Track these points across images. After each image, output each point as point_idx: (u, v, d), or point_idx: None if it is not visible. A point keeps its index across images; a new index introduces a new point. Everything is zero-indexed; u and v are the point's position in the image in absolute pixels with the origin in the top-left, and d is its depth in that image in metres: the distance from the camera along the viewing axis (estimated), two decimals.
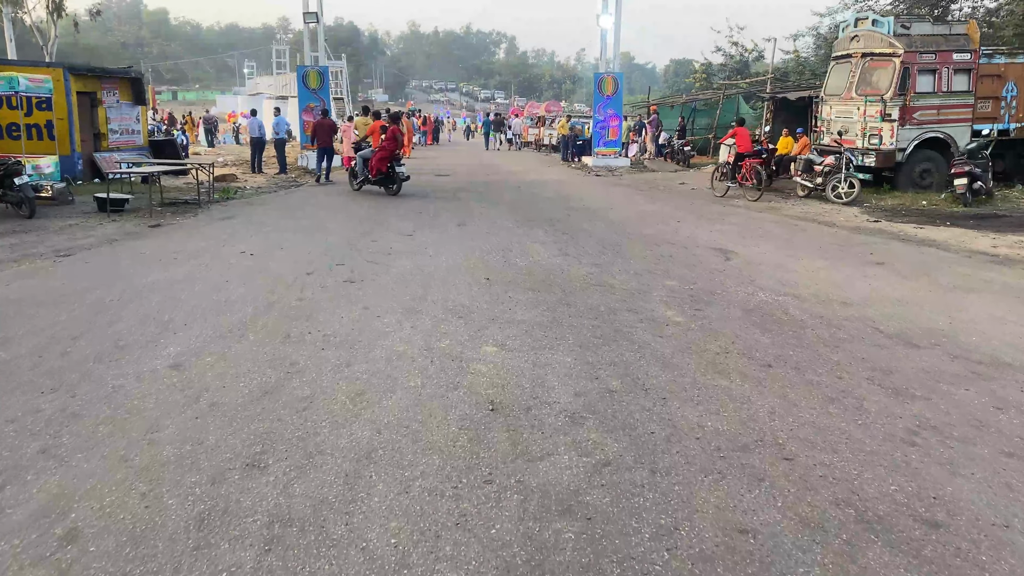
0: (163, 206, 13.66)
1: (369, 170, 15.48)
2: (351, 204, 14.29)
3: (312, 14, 22.84)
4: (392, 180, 15.37)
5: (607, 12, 24.03)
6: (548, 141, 35.69)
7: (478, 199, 15.32)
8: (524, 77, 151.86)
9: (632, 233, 10.90)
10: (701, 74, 43.78)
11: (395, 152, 15.30)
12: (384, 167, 15.19)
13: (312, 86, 23.21)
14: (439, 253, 9.07)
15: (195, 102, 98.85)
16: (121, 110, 17.56)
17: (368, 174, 15.55)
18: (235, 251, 9.11)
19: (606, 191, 17.39)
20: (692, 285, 7.42)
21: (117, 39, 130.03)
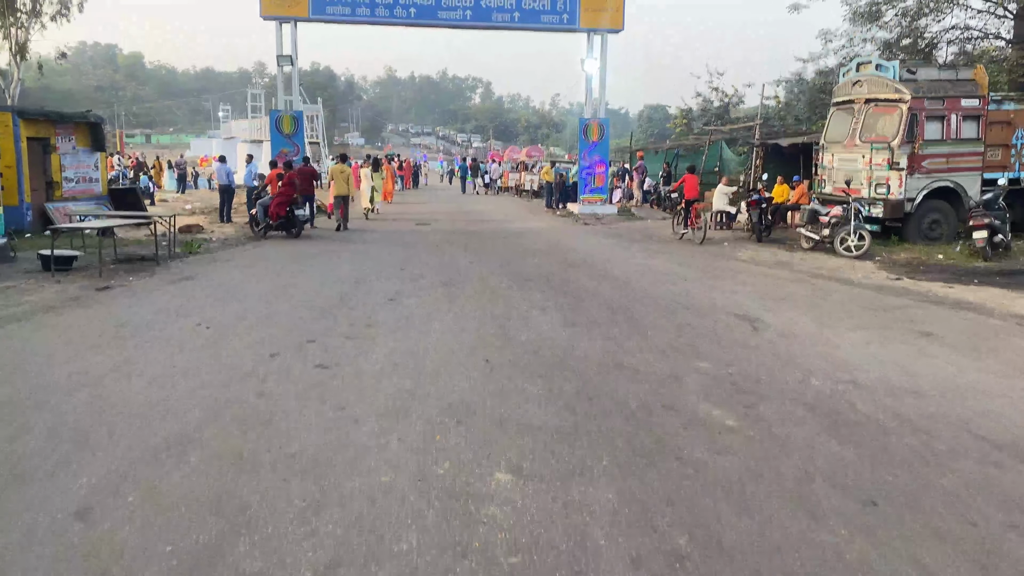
0: (117, 263, 12.37)
1: (269, 216, 15.89)
2: (325, 258, 13.09)
3: (286, 57, 21.88)
4: (292, 224, 16.01)
5: (592, 56, 23.35)
6: (530, 187, 34.87)
7: (464, 252, 14.19)
8: (500, 121, 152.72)
9: (640, 295, 9.80)
10: (682, 119, 43.49)
11: (293, 197, 15.99)
12: (283, 211, 15.76)
13: (286, 131, 22.18)
14: (427, 324, 7.88)
15: (169, 145, 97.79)
16: (78, 157, 16.32)
17: (269, 220, 15.95)
18: (189, 323, 7.85)
19: (599, 242, 16.36)
20: (729, 368, 6.29)
21: (91, 83, 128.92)
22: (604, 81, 23.73)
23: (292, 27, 22.08)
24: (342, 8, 22.07)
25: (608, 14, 22.89)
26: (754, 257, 14.08)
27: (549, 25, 23.09)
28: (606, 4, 22.85)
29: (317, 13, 22.00)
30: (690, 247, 15.65)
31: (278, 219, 15.77)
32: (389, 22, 22.87)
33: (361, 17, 22.39)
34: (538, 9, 22.79)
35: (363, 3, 22.08)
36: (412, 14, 22.38)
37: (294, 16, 21.88)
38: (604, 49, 23.39)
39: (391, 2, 22.16)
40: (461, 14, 22.56)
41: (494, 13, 22.68)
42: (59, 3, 30.36)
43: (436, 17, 22.65)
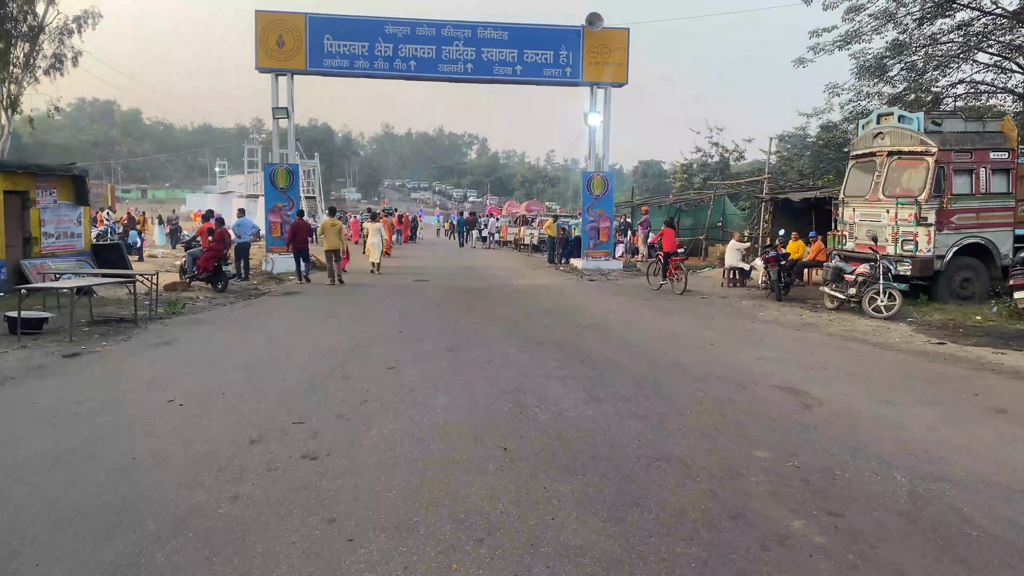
0: (93, 325, 11.40)
1: (196, 268, 16.42)
2: (319, 319, 12.15)
3: (282, 109, 21.30)
4: (219, 277, 16.26)
5: (595, 110, 22.86)
6: (529, 241, 34.21)
7: (467, 312, 13.27)
8: (496, 176, 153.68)
9: (666, 362, 8.85)
10: (682, 174, 43.22)
11: (222, 252, 16.51)
12: (211, 266, 16.16)
13: (281, 185, 21.47)
14: (432, 399, 6.91)
15: (165, 200, 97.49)
16: (59, 211, 15.47)
17: (196, 271, 16.48)
18: (161, 399, 6.86)
19: (609, 300, 15.46)
20: (793, 458, 5.32)
21: (88, 138, 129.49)
22: (608, 135, 23.20)
23: (288, 80, 21.55)
24: (340, 61, 21.60)
25: (612, 68, 22.47)
26: (778, 318, 13.18)
27: (552, 79, 22.63)
28: (609, 58, 22.45)
29: (314, 66, 21.51)
30: (709, 307, 14.77)
31: (204, 272, 16.24)
32: (388, 75, 22.40)
33: (359, 70, 21.90)
34: (540, 63, 22.37)
35: (361, 56, 21.62)
36: (412, 67, 21.91)
37: (290, 69, 21.38)
38: (608, 103, 22.91)
39: (390, 55, 21.71)
40: (462, 67, 22.11)
41: (495, 67, 22.23)
42: (53, 57, 30.04)
43: (436, 71, 22.19)
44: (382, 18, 21.84)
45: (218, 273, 16.25)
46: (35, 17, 29.17)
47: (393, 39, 21.68)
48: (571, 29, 22.46)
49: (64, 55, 30.34)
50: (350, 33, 21.58)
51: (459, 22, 22.11)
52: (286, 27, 21.12)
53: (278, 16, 21.22)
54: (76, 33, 30.52)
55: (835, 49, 26.11)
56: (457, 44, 21.96)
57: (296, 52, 21.24)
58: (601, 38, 22.31)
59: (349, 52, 21.58)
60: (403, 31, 21.75)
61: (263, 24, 21.04)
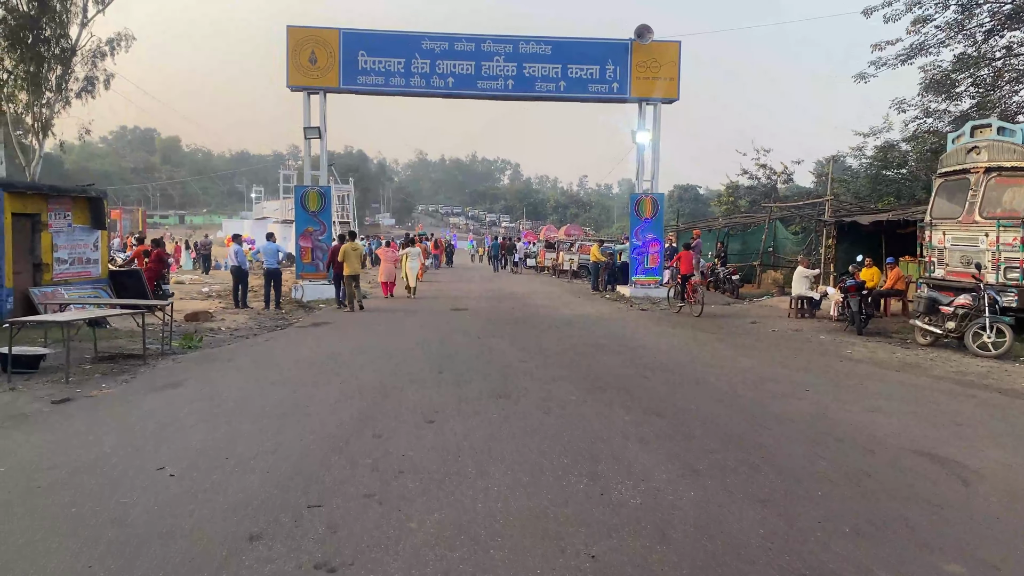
0: (98, 362, 10.20)
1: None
2: (345, 354, 10.80)
3: (314, 129, 20.24)
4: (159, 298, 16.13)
5: (644, 128, 21.46)
6: (568, 266, 32.78)
7: (513, 346, 11.83)
8: (529, 202, 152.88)
9: (763, 415, 7.30)
10: (727, 197, 41.52)
11: (161, 272, 17.44)
12: (151, 286, 16.40)
13: (312, 208, 20.38)
14: (484, 468, 5.46)
15: (202, 226, 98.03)
16: (74, 235, 14.43)
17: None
18: (150, 465, 5.51)
19: (670, 334, 13.91)
20: (996, 572, 3.77)
21: (129, 164, 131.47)
22: (658, 153, 21.77)
23: (321, 98, 20.52)
24: (375, 78, 20.53)
25: (662, 83, 21.10)
26: (870, 356, 11.51)
27: (597, 95, 21.31)
28: (659, 72, 21.09)
29: (348, 83, 20.47)
30: (785, 342, 13.14)
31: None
32: (425, 93, 21.27)
33: (395, 88, 20.81)
34: (585, 79, 21.08)
35: (397, 72, 20.53)
36: (450, 84, 20.76)
37: (323, 87, 20.35)
38: (657, 120, 21.51)
39: (427, 71, 20.59)
40: (503, 84, 20.90)
41: (538, 83, 21.00)
42: (85, 80, 29.56)
43: (475, 88, 21.01)
44: (419, 33, 20.76)
45: (156, 294, 16.56)
46: (68, 40, 28.79)
47: (430, 55, 20.57)
48: (618, 43, 21.17)
49: (96, 78, 29.89)
50: (385, 49, 20.53)
51: (500, 36, 20.94)
52: (319, 43, 20.14)
53: (311, 32, 20.26)
54: (109, 56, 30.13)
55: (899, 63, 24.47)
56: (497, 59, 20.79)
57: (329, 69, 20.22)
58: (650, 52, 20.97)
59: (384, 69, 20.51)
60: (441, 46, 20.64)
61: (295, 40, 20.08)
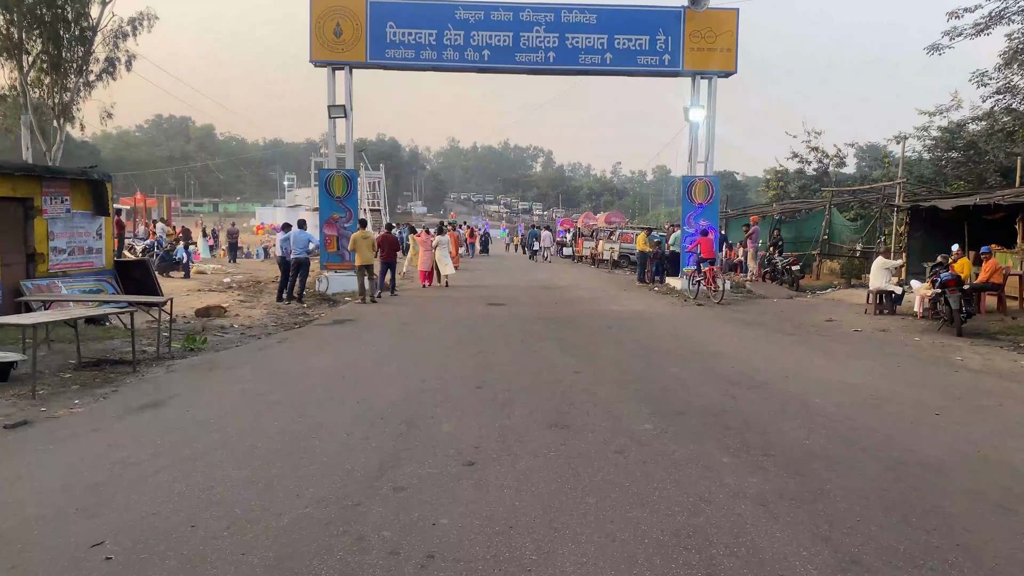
0: (81, 369, 8.74)
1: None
2: (367, 361, 9.22)
3: (339, 107, 18.67)
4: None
5: (698, 105, 19.54)
6: (609, 256, 30.98)
7: (562, 353, 10.15)
8: (562, 189, 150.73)
9: (908, 459, 5.53)
10: (776, 182, 39.24)
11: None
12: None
13: (337, 194, 18.89)
14: (548, 547, 3.82)
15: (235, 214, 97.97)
16: (74, 222, 13.05)
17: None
18: (85, 537, 3.96)
19: (741, 336, 12.10)
20: None
21: (164, 153, 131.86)
22: (712, 133, 19.83)
23: (347, 74, 18.93)
24: (404, 51, 18.88)
25: (718, 55, 19.14)
26: (988, 365, 9.63)
27: (647, 68, 19.42)
28: (716, 43, 19.12)
29: (376, 57, 18.84)
30: (877, 346, 11.27)
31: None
32: (459, 67, 19.57)
33: (426, 62, 19.14)
34: (634, 50, 19.21)
35: (428, 45, 18.85)
36: (486, 57, 19.03)
37: (349, 61, 18.75)
38: (712, 95, 19.57)
39: (461, 43, 18.89)
40: (543, 56, 19.12)
41: (581, 55, 19.18)
42: (106, 61, 28.37)
43: (513, 61, 19.25)
44: (452, 2, 19.03)
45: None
46: (88, 19, 27.59)
47: (464, 25, 18.85)
48: (670, 11, 19.24)
49: (118, 59, 28.70)
50: (416, 19, 18.84)
51: (540, 4, 19.13)
52: (344, 14, 18.52)
53: (335, 2, 18.64)
54: (132, 36, 28.90)
55: (976, 33, 22.17)
56: (537, 30, 19.00)
57: (356, 42, 18.61)
58: (706, 20, 19.02)
59: (415, 41, 18.84)
60: (476, 16, 18.90)
61: (319, 11, 18.49)
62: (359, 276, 16.59)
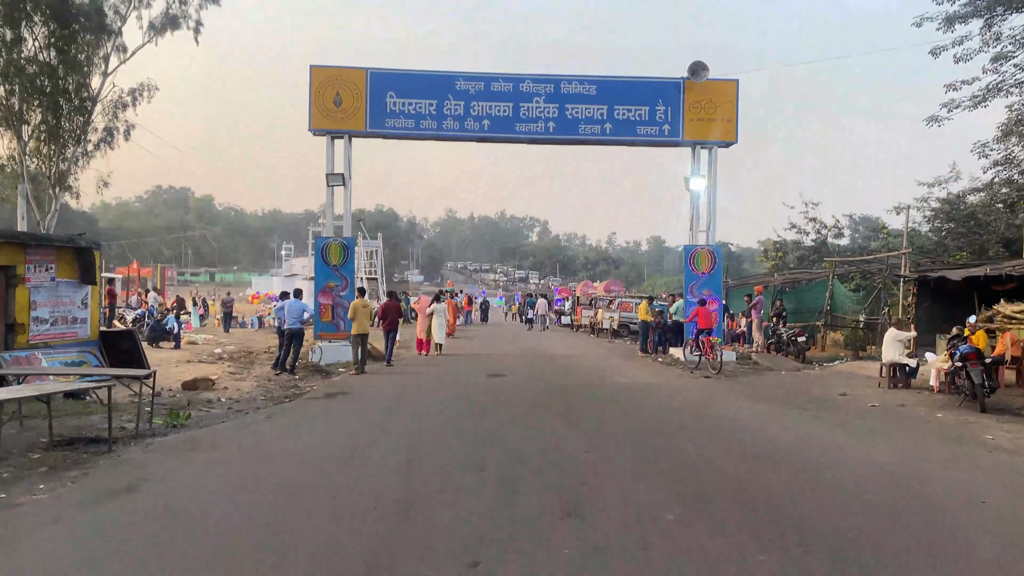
0: (51, 449, 8.11)
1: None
2: (360, 437, 8.61)
3: (337, 176, 18.48)
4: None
5: (698, 174, 19.40)
6: (609, 325, 30.50)
7: (569, 428, 9.56)
8: (558, 259, 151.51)
9: (958, 553, 4.95)
10: (775, 252, 39.16)
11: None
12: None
13: (333, 262, 18.50)
14: None
15: (232, 284, 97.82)
16: (58, 291, 12.56)
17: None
18: None
19: (754, 410, 11.51)
20: None
21: (162, 223, 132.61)
22: (714, 202, 19.63)
23: (346, 143, 18.80)
24: (404, 121, 18.80)
25: (719, 125, 19.11)
26: (1021, 446, 9.06)
27: (647, 138, 19.38)
28: (716, 113, 19.12)
29: (376, 127, 18.75)
30: (897, 423, 10.70)
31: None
32: (459, 137, 19.48)
33: (426, 131, 19.05)
34: (633, 120, 19.17)
35: (428, 115, 18.79)
36: (486, 127, 18.96)
37: (348, 130, 18.65)
38: (713, 165, 19.45)
39: (461, 114, 18.83)
40: (543, 126, 19.05)
41: (581, 125, 19.12)
42: (104, 131, 28.42)
43: (513, 131, 19.18)
44: (453, 73, 19.09)
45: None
46: (88, 89, 27.75)
47: (464, 96, 18.84)
48: (669, 82, 19.29)
49: (116, 128, 28.76)
50: (416, 90, 18.83)
51: (540, 76, 19.20)
52: (344, 84, 18.52)
53: (335, 72, 18.67)
54: (131, 106, 29.03)
55: (974, 105, 22.32)
56: (537, 100, 18.99)
57: (355, 111, 18.55)
58: (705, 91, 19.04)
59: (415, 111, 18.78)
60: (476, 87, 18.91)
61: (319, 81, 18.48)
62: (355, 345, 16.18)
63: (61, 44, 26.40)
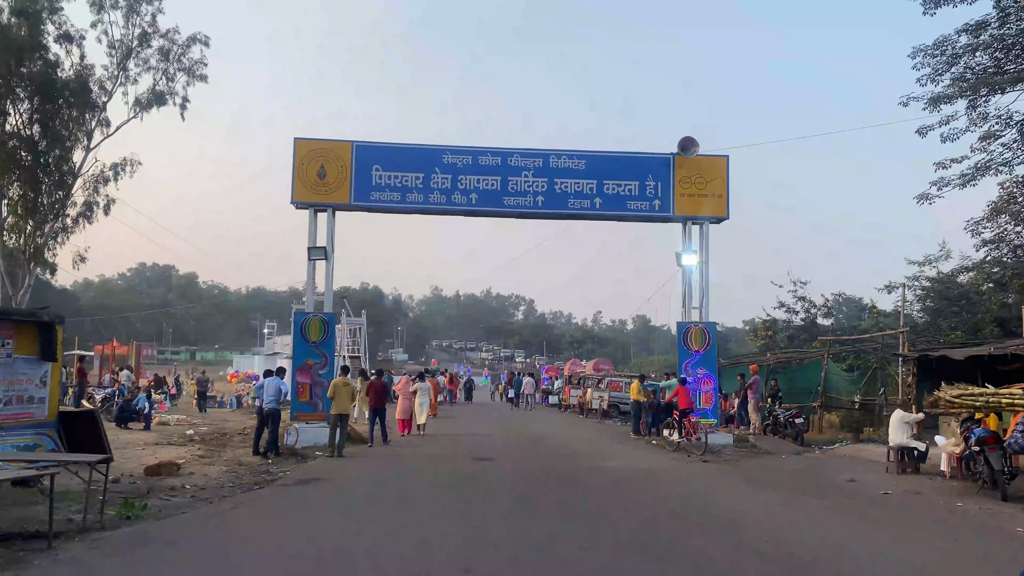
0: None
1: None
2: (334, 543, 7.72)
3: (319, 249, 17.92)
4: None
5: (690, 250, 19.02)
6: (598, 405, 29.63)
7: (567, 522, 8.70)
8: (544, 337, 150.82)
9: None
10: (764, 331, 38.71)
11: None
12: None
13: (313, 339, 17.77)
14: None
15: (213, 362, 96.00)
16: (14, 368, 11.65)
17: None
18: None
19: (761, 498, 10.70)
20: None
21: (145, 301, 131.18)
22: (707, 278, 19.20)
23: (329, 216, 18.32)
24: (390, 194, 18.39)
25: (710, 200, 18.86)
26: None
27: (637, 213, 19.07)
28: (706, 189, 18.89)
29: (360, 200, 18.33)
30: (920, 511, 9.95)
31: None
32: (446, 210, 19.11)
33: (412, 205, 18.66)
34: (623, 195, 18.88)
35: (415, 188, 18.41)
36: (473, 200, 18.59)
37: (332, 203, 18.20)
38: (705, 241, 19.11)
39: (448, 187, 18.47)
40: (531, 200, 18.71)
41: (570, 199, 18.79)
42: (83, 205, 27.95)
43: (501, 204, 18.82)
44: (440, 146, 18.85)
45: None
46: (69, 163, 27.40)
47: (452, 169, 18.52)
48: (659, 157, 19.12)
49: (97, 203, 28.32)
50: (402, 163, 18.52)
51: (528, 150, 18.99)
52: (328, 157, 18.18)
53: (320, 144, 18.38)
54: (112, 181, 28.67)
55: (964, 183, 22.36)
56: (526, 174, 18.70)
57: (340, 185, 18.14)
58: (696, 166, 18.87)
59: (401, 184, 18.41)
60: (464, 160, 18.63)
61: (302, 154, 18.13)
62: (332, 426, 15.35)
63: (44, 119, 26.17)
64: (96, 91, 27.82)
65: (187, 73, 29.83)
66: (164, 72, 29.48)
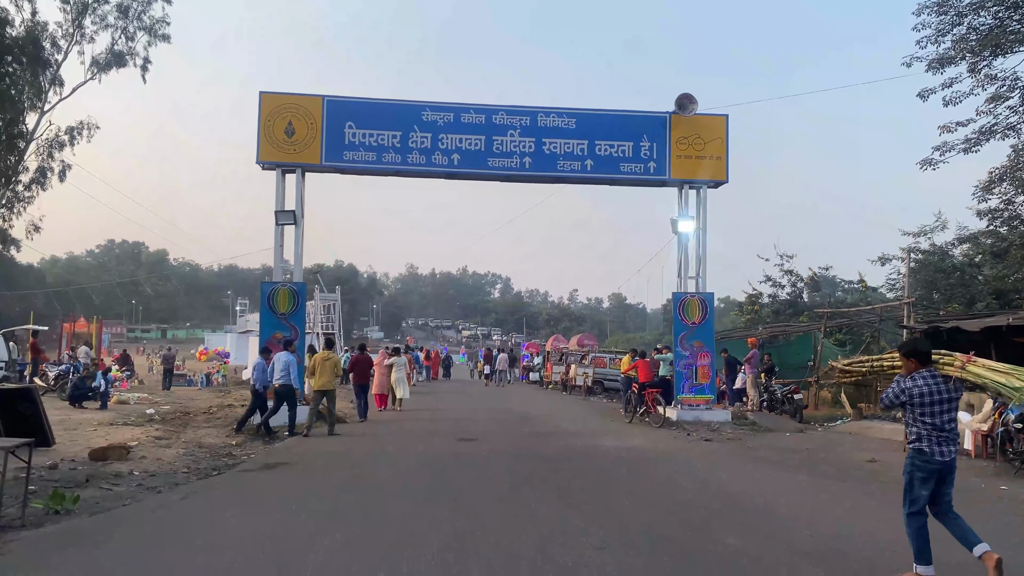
0: None
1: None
2: (301, 538, 6.49)
3: (288, 213, 16.51)
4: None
5: (687, 216, 17.85)
6: (582, 382, 28.57)
7: (568, 509, 7.53)
8: (521, 315, 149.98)
9: None
10: (750, 306, 37.80)
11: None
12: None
13: (281, 310, 16.41)
14: None
15: (184, 340, 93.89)
16: None
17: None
18: None
19: (781, 482, 9.62)
20: None
21: (114, 278, 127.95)
22: (704, 246, 18.07)
23: (298, 177, 16.87)
24: (365, 154, 16.97)
25: (708, 162, 17.68)
26: None
27: (630, 176, 17.83)
28: (705, 151, 17.70)
29: (332, 160, 16.89)
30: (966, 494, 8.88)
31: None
32: (426, 172, 17.72)
33: (389, 165, 17.25)
34: (616, 157, 17.64)
35: (392, 148, 17.01)
36: (455, 161, 17.22)
37: (301, 163, 16.75)
38: (703, 206, 17.97)
39: (428, 147, 17.09)
40: (518, 162, 17.39)
41: (559, 161, 17.51)
42: (37, 171, 26.14)
43: (486, 166, 17.48)
44: (419, 102, 17.41)
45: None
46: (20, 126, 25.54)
47: (432, 127, 17.13)
48: (655, 116, 17.88)
49: (50, 168, 26.51)
50: (378, 120, 17.08)
51: (515, 107, 17.64)
52: (298, 112, 16.69)
53: (288, 99, 16.87)
54: (68, 145, 26.86)
55: (968, 148, 21.39)
56: (512, 133, 17.37)
57: (310, 142, 16.68)
58: (694, 126, 17.66)
59: (377, 143, 16.99)
60: (445, 118, 17.24)
61: (269, 109, 16.63)
62: (314, 403, 14.16)
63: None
64: (49, 48, 25.92)
65: (148, 32, 28.03)
66: (123, 31, 27.64)
